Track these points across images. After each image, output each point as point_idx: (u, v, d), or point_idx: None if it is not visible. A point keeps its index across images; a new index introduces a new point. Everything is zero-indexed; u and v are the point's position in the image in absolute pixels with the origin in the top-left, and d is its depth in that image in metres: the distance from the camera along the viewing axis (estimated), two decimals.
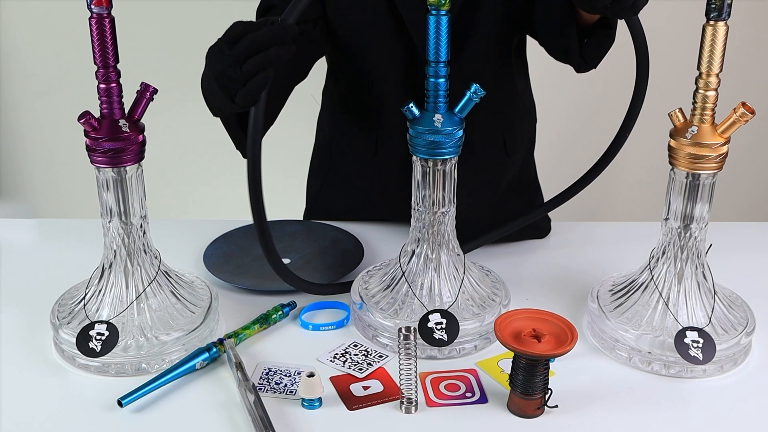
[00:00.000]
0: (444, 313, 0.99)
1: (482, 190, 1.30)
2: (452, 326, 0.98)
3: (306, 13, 1.11)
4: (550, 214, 1.40)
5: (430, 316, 0.99)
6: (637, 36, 1.06)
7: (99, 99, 0.92)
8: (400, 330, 0.87)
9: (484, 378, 0.96)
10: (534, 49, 1.28)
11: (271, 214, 1.40)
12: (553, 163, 2.20)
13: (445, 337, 0.98)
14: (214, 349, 0.97)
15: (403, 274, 1.03)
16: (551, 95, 1.75)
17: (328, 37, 1.24)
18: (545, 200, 1.40)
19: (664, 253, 1.00)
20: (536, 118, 1.37)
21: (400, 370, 0.88)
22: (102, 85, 0.92)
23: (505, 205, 1.33)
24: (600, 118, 2.56)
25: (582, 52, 1.12)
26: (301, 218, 1.49)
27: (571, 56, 1.13)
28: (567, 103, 2.46)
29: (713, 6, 0.90)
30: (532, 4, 1.17)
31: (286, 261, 1.17)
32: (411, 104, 0.96)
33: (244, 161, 1.00)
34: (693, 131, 0.94)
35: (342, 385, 0.94)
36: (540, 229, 1.33)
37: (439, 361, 0.99)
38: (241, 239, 1.27)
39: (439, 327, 0.98)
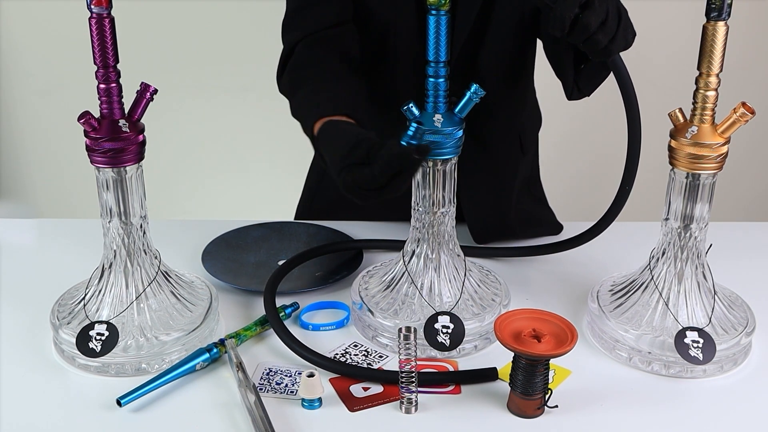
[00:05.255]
0: (453, 318, 0.99)
1: (502, 188, 1.31)
2: (457, 333, 0.98)
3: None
4: None
5: (440, 317, 0.99)
6: (624, 82, 0.99)
7: (99, 99, 0.92)
8: (400, 330, 0.87)
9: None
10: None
11: (271, 215, 1.41)
12: (556, 163, 2.20)
13: (447, 343, 0.97)
14: (215, 350, 0.97)
15: (405, 272, 1.03)
16: (553, 97, 1.75)
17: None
18: (547, 198, 1.41)
19: (664, 253, 1.00)
20: (542, 118, 1.38)
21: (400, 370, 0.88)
22: (102, 85, 0.92)
23: (519, 203, 1.33)
24: (600, 122, 2.56)
25: (576, 77, 1.10)
26: (296, 214, 1.48)
27: (565, 79, 1.12)
28: (568, 105, 2.46)
29: (713, 6, 0.90)
30: (540, 16, 1.16)
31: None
32: (411, 104, 0.96)
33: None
34: (693, 131, 0.94)
35: (342, 386, 0.94)
36: (554, 225, 1.34)
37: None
38: (240, 239, 1.27)
39: (444, 331, 0.98)
